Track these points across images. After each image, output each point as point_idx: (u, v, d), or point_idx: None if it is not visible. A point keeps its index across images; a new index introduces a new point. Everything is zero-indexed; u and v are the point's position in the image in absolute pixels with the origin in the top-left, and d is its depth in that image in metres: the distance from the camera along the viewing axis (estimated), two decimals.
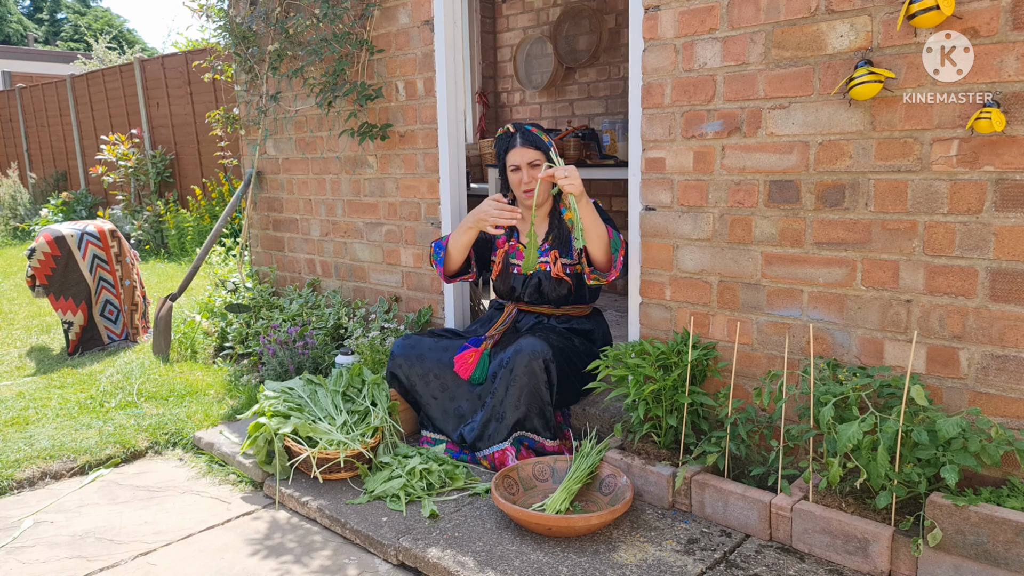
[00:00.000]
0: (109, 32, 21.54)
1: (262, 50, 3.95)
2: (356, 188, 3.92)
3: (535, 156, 2.73)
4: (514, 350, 2.58)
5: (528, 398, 2.56)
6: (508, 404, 2.57)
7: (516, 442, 2.59)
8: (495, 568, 2.03)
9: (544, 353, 2.55)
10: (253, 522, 2.48)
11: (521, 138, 2.76)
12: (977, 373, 2.05)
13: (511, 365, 2.57)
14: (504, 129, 2.84)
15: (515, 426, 2.58)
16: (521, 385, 2.55)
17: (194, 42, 9.62)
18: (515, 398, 2.56)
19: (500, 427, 2.59)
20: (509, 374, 2.57)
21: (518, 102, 5.52)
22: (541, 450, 2.62)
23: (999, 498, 1.88)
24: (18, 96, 12.14)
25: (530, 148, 2.74)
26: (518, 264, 2.87)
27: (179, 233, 8.05)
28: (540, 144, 2.75)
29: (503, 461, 2.58)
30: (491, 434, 2.61)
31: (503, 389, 2.58)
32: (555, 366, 2.57)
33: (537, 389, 2.56)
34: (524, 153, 2.74)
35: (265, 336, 3.68)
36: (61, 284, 4.29)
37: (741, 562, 2.04)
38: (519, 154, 2.75)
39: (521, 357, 2.55)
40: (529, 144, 2.74)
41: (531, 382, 2.55)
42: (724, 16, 2.38)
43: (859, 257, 2.20)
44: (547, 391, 2.57)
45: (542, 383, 2.56)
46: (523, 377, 2.55)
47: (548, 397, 2.58)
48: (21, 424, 3.23)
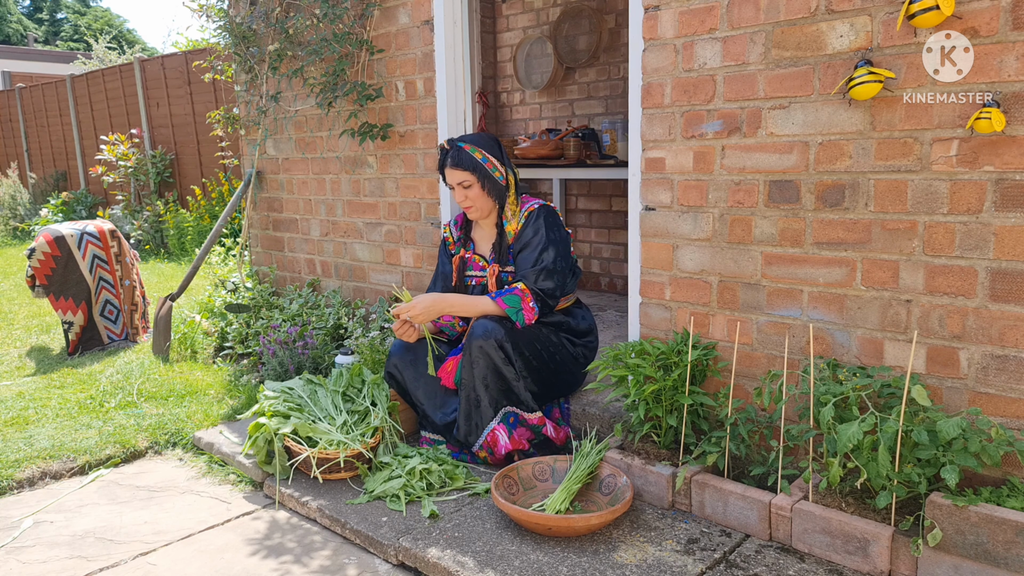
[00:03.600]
0: (109, 32, 21.55)
1: (262, 50, 3.95)
2: (356, 188, 3.92)
3: (464, 177, 2.73)
4: (468, 336, 2.64)
5: (492, 376, 2.60)
6: (478, 388, 2.61)
7: (504, 419, 2.62)
8: (495, 568, 2.03)
9: (495, 332, 2.59)
10: (253, 522, 2.48)
11: (451, 159, 2.75)
12: (977, 373, 2.05)
13: (468, 350, 2.62)
14: (441, 145, 2.83)
15: (494, 405, 2.61)
16: (482, 366, 2.59)
17: (194, 42, 9.63)
18: (480, 379, 2.60)
19: (480, 411, 2.63)
20: (468, 358, 2.62)
21: (518, 102, 5.52)
22: (525, 423, 2.64)
23: (999, 498, 1.88)
24: (18, 96, 12.15)
25: (458, 169, 2.73)
26: (474, 275, 2.91)
27: (179, 233, 8.05)
28: (468, 164, 2.72)
29: (495, 442, 2.61)
30: (477, 422, 2.64)
31: (468, 375, 2.63)
32: (510, 344, 2.59)
33: (496, 366, 2.59)
34: (453, 174, 2.75)
35: (265, 336, 3.68)
36: (61, 284, 4.29)
37: (741, 562, 2.04)
38: (449, 175, 2.77)
39: (474, 341, 2.60)
40: (456, 166, 2.73)
41: (488, 361, 2.59)
42: (724, 16, 2.38)
43: (859, 257, 2.20)
44: (508, 366, 2.60)
45: (499, 360, 2.59)
46: (481, 359, 2.59)
47: (511, 373, 2.61)
48: (21, 424, 3.23)
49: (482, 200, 2.77)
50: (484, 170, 2.74)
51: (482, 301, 2.70)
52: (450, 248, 3.00)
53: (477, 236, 2.95)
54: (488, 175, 2.74)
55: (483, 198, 2.77)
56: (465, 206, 2.80)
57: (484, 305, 2.68)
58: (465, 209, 2.83)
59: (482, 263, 2.89)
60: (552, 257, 2.70)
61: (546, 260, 2.70)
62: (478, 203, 2.78)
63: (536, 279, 2.68)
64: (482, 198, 2.77)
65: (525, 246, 2.75)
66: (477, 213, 2.82)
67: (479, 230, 2.94)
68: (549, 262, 2.70)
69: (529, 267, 2.71)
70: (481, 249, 2.93)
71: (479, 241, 2.94)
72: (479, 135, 2.84)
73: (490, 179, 2.75)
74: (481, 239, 2.94)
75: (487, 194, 2.77)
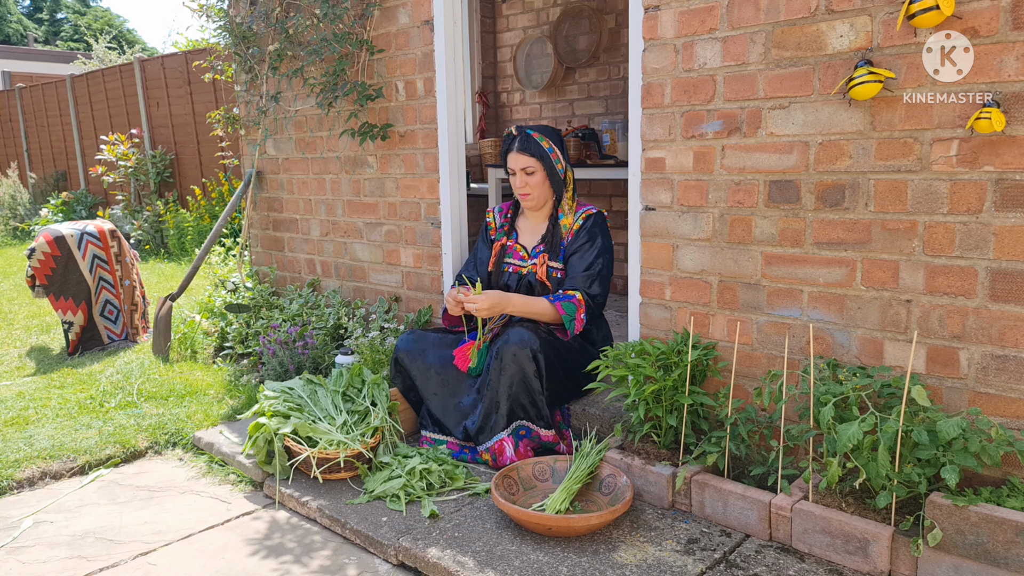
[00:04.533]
0: (109, 32, 21.55)
1: (262, 50, 3.95)
2: (356, 188, 3.92)
3: (529, 163, 2.79)
4: (503, 340, 2.64)
5: (518, 386, 2.60)
6: (501, 393, 2.61)
7: (514, 432, 2.61)
8: (495, 568, 2.03)
9: (531, 343, 2.59)
10: (253, 522, 2.48)
11: (518, 143, 2.81)
12: (977, 373, 2.05)
13: (500, 355, 2.62)
14: (508, 131, 2.88)
15: (510, 415, 2.61)
16: (511, 374, 2.59)
17: (194, 42, 9.63)
18: (506, 386, 2.60)
19: (498, 417, 2.63)
20: (499, 363, 2.62)
21: (518, 102, 5.52)
22: (537, 439, 2.64)
23: (999, 498, 1.88)
24: (18, 96, 12.14)
25: (524, 155, 2.79)
26: (512, 263, 2.94)
27: (179, 233, 8.05)
28: (536, 151, 2.79)
29: (501, 451, 2.60)
30: (492, 425, 2.64)
31: (496, 378, 2.63)
32: (543, 356, 2.61)
33: (526, 377, 2.59)
34: (518, 159, 2.81)
35: (265, 336, 3.68)
36: (61, 284, 4.29)
37: (741, 562, 2.04)
38: (513, 159, 2.82)
39: (508, 347, 2.60)
40: (524, 151, 2.79)
41: (519, 371, 2.59)
42: (724, 16, 2.38)
43: (859, 257, 2.20)
44: (536, 380, 2.61)
45: (531, 372, 2.59)
46: (512, 366, 2.59)
47: (538, 386, 2.61)
48: (21, 424, 3.23)
49: (541, 189, 2.82)
50: (549, 159, 2.80)
51: (541, 303, 2.74)
52: (491, 234, 3.04)
53: (522, 226, 2.99)
54: (552, 166, 2.81)
55: (543, 187, 2.82)
56: (523, 192, 2.84)
57: (543, 307, 2.72)
58: (521, 197, 2.86)
59: (523, 253, 2.93)
60: (603, 264, 2.78)
61: (598, 266, 2.77)
62: (536, 191, 2.82)
63: (589, 285, 2.75)
64: (542, 187, 2.82)
65: (580, 249, 2.80)
66: (533, 202, 2.86)
67: (525, 221, 2.98)
68: (601, 268, 2.77)
69: (582, 271, 2.76)
70: (524, 240, 2.96)
71: (523, 231, 2.98)
72: (546, 126, 2.89)
73: (553, 170, 2.81)
74: (526, 230, 2.97)
75: (548, 184, 2.82)
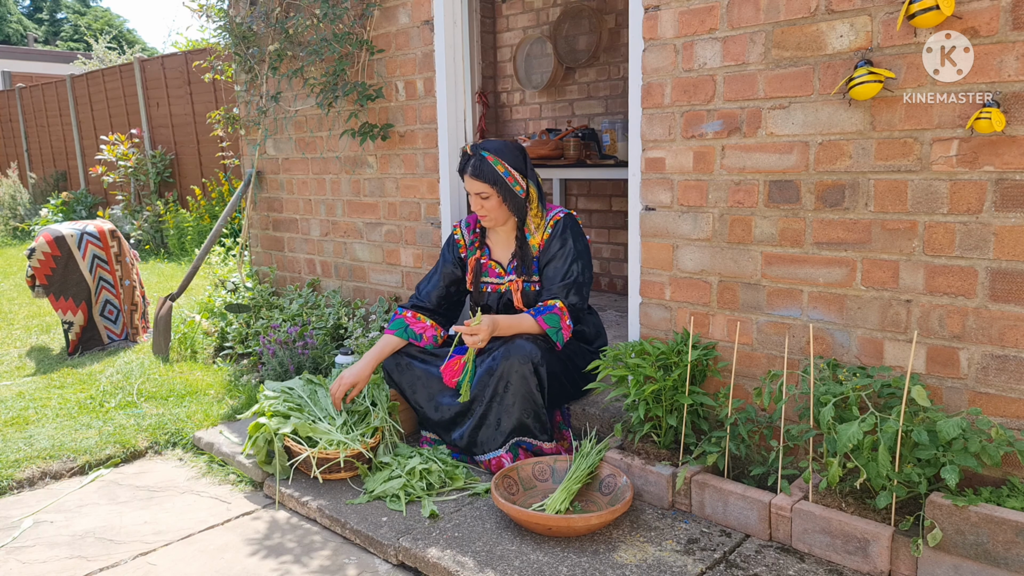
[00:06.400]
0: (109, 32, 21.53)
1: (262, 50, 3.95)
2: (356, 188, 3.92)
3: (482, 188, 2.66)
4: (502, 355, 2.54)
5: (522, 403, 2.53)
6: (502, 411, 2.55)
7: (513, 448, 2.57)
8: (495, 568, 2.03)
9: (533, 356, 2.52)
10: (253, 522, 2.48)
11: (471, 167, 2.66)
12: (977, 373, 2.05)
13: (500, 371, 2.54)
14: (463, 148, 2.76)
15: (511, 433, 2.56)
16: (514, 392, 2.53)
17: (194, 42, 9.63)
18: (509, 405, 2.54)
19: (496, 434, 2.57)
20: (498, 380, 2.54)
21: (518, 102, 5.52)
22: (539, 452, 2.62)
23: (999, 498, 1.88)
24: (18, 96, 12.14)
25: (477, 180, 2.65)
26: (490, 282, 2.84)
27: (179, 233, 8.05)
28: (489, 176, 2.64)
29: (500, 467, 2.58)
30: (485, 440, 2.60)
31: (491, 395, 2.56)
32: (545, 368, 2.54)
33: (529, 393, 2.53)
34: (471, 183, 2.68)
35: (265, 336, 3.68)
36: (61, 284, 4.29)
37: (741, 562, 2.04)
38: (467, 182, 2.70)
39: (509, 363, 2.52)
40: (476, 176, 2.65)
41: (523, 387, 2.52)
42: (724, 16, 2.38)
43: (859, 257, 2.20)
44: (539, 393, 2.55)
45: (533, 386, 2.53)
46: (515, 383, 2.52)
47: (541, 400, 2.56)
48: (21, 424, 3.23)
49: (498, 212, 2.71)
50: (504, 184, 2.66)
51: (525, 321, 2.63)
52: (460, 251, 2.90)
53: (493, 240, 2.87)
54: (508, 189, 2.67)
55: (499, 210, 2.70)
56: (480, 215, 2.73)
57: (527, 325, 2.62)
58: (480, 218, 2.76)
59: (498, 270, 2.83)
60: (579, 269, 2.69)
61: (574, 273, 2.68)
62: (493, 214, 2.71)
63: (567, 294, 2.66)
64: (498, 210, 2.70)
65: (553, 258, 2.71)
66: (492, 223, 2.76)
67: (495, 235, 2.86)
68: (577, 274, 2.68)
69: (559, 281, 2.67)
70: (497, 255, 2.85)
71: (495, 246, 2.86)
72: (504, 144, 2.72)
73: (510, 193, 2.68)
74: (497, 243, 2.86)
75: (505, 207, 2.70)
